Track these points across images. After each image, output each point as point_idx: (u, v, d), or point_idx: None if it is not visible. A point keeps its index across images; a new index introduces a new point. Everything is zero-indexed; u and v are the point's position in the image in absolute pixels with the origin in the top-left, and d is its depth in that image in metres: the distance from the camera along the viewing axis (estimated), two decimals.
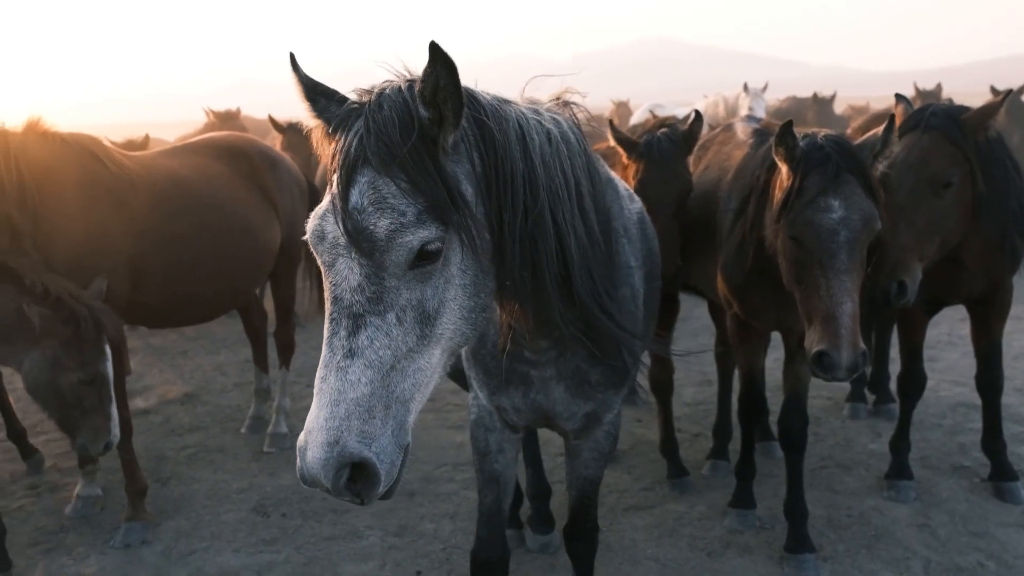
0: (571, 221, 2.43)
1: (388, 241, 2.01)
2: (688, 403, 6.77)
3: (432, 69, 2.04)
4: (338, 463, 1.93)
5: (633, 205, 3.43)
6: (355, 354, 1.99)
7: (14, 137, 4.55)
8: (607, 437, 3.21)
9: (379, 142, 2.05)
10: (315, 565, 4.51)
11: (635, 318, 2.97)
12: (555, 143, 2.43)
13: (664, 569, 4.38)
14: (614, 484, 5.37)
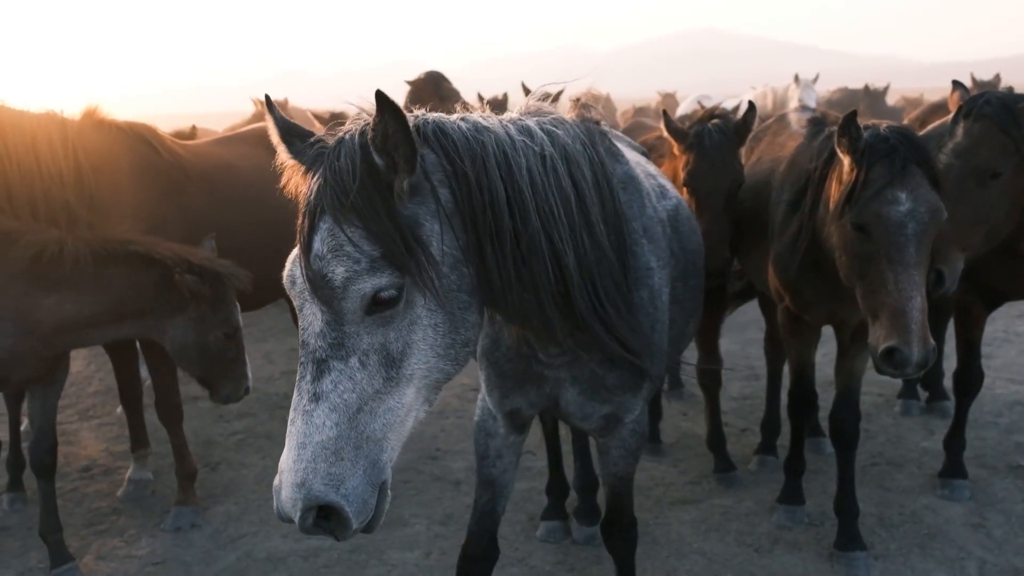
0: (569, 238, 2.41)
1: (344, 288, 2.05)
2: (735, 397, 6.69)
3: (380, 118, 2.07)
4: (304, 505, 1.99)
5: (664, 202, 3.36)
6: (319, 398, 2.04)
7: (72, 125, 4.63)
8: (633, 435, 3.17)
9: (334, 190, 2.09)
10: (361, 552, 4.53)
11: (652, 320, 2.91)
12: (549, 161, 2.40)
13: (711, 563, 4.33)
14: (660, 477, 5.34)
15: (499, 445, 3.25)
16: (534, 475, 5.40)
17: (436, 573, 4.31)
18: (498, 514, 3.32)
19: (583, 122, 2.73)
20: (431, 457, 5.75)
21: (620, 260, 2.64)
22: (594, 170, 2.56)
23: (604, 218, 2.56)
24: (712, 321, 5.35)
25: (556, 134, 2.49)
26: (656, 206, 3.15)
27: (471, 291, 2.25)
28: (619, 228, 2.64)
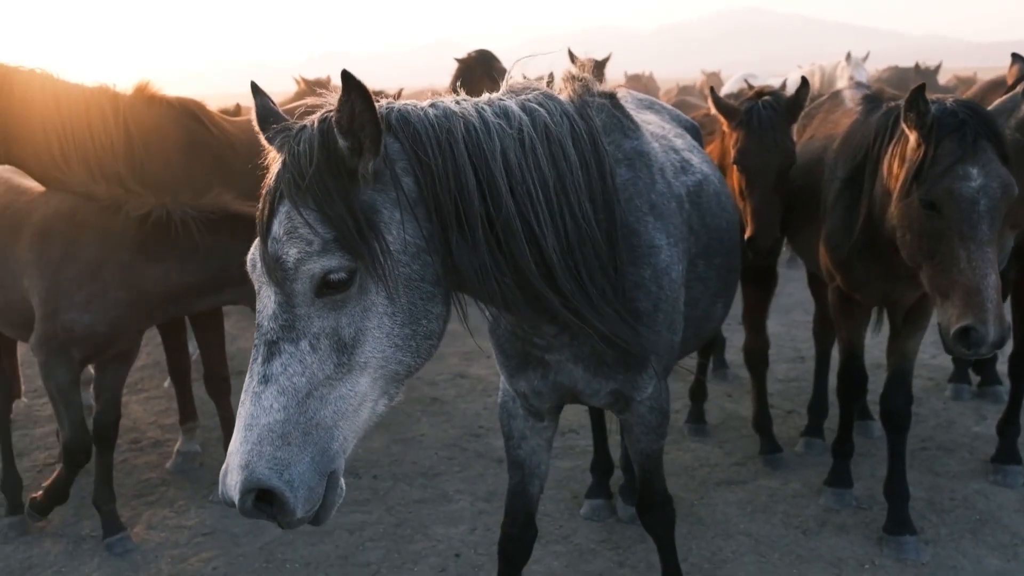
0: (548, 221, 2.35)
1: (295, 270, 2.04)
2: (780, 379, 6.62)
3: (347, 98, 2.04)
4: (244, 487, 1.96)
5: (684, 178, 3.29)
6: (269, 380, 2.02)
7: (124, 99, 4.69)
8: (652, 412, 3.12)
9: (292, 174, 2.08)
10: (406, 527, 4.56)
11: (656, 299, 2.85)
12: (528, 143, 2.35)
13: (758, 545, 4.30)
14: (705, 458, 5.30)
15: (522, 427, 3.24)
16: (578, 454, 5.39)
17: (480, 549, 4.32)
18: (531, 494, 3.32)
19: (579, 97, 2.67)
20: (474, 435, 5.76)
21: (609, 239, 2.57)
22: (581, 147, 2.49)
23: (591, 197, 2.50)
24: (760, 301, 5.29)
25: (538, 113, 2.43)
26: (671, 181, 3.09)
27: (435, 281, 2.20)
28: (610, 207, 2.57)
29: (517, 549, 3.37)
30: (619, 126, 2.95)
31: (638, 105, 3.98)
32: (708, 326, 3.59)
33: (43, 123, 4.48)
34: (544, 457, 3.32)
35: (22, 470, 5.14)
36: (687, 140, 3.77)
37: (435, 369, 7.07)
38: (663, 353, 2.97)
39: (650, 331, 2.85)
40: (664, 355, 3.00)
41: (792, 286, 8.62)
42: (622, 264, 2.64)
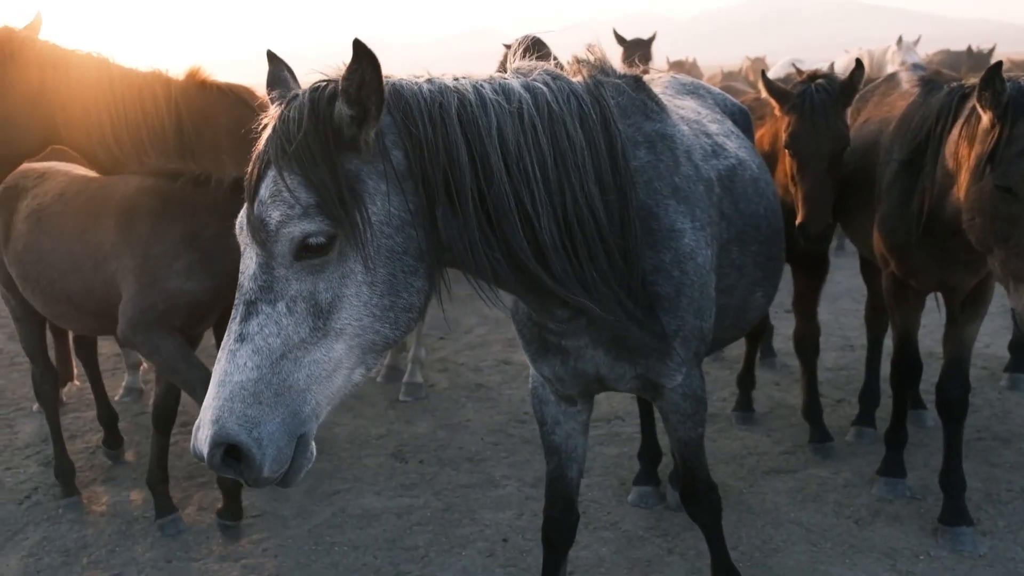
0: (545, 200, 2.33)
1: (276, 232, 2.07)
2: (829, 368, 6.52)
3: (357, 66, 2.06)
4: (213, 441, 1.99)
5: (715, 161, 3.21)
6: (244, 339, 2.05)
7: (176, 84, 4.73)
8: (686, 399, 3.06)
9: (280, 139, 2.11)
10: (454, 511, 4.57)
11: (678, 284, 2.79)
12: (528, 120, 2.32)
13: (808, 534, 4.24)
14: (753, 446, 5.24)
15: (554, 412, 3.22)
16: (624, 440, 5.36)
17: (528, 534, 4.31)
18: (569, 478, 3.30)
19: (592, 78, 2.63)
20: (520, 420, 5.75)
21: (621, 222, 2.54)
22: (588, 128, 2.46)
23: (598, 178, 2.46)
24: (811, 288, 5.20)
25: (541, 91, 2.40)
26: (700, 165, 3.02)
27: (418, 255, 2.20)
28: (622, 188, 2.54)
29: (559, 534, 3.36)
30: (641, 108, 2.90)
31: (680, 90, 3.93)
32: (747, 315, 3.52)
33: (97, 106, 4.56)
34: (580, 441, 3.30)
35: (74, 452, 5.25)
36: (725, 125, 3.68)
37: (479, 355, 7.08)
38: (691, 339, 2.91)
39: (672, 316, 2.80)
40: (693, 342, 2.93)
41: (840, 274, 8.50)
42: (635, 247, 2.60)
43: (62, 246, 4.27)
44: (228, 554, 4.26)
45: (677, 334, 2.84)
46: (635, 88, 2.93)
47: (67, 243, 4.26)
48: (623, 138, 2.57)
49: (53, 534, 4.52)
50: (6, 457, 5.51)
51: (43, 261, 4.30)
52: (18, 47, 4.47)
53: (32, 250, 4.35)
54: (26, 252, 4.37)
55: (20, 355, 7.55)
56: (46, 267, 4.30)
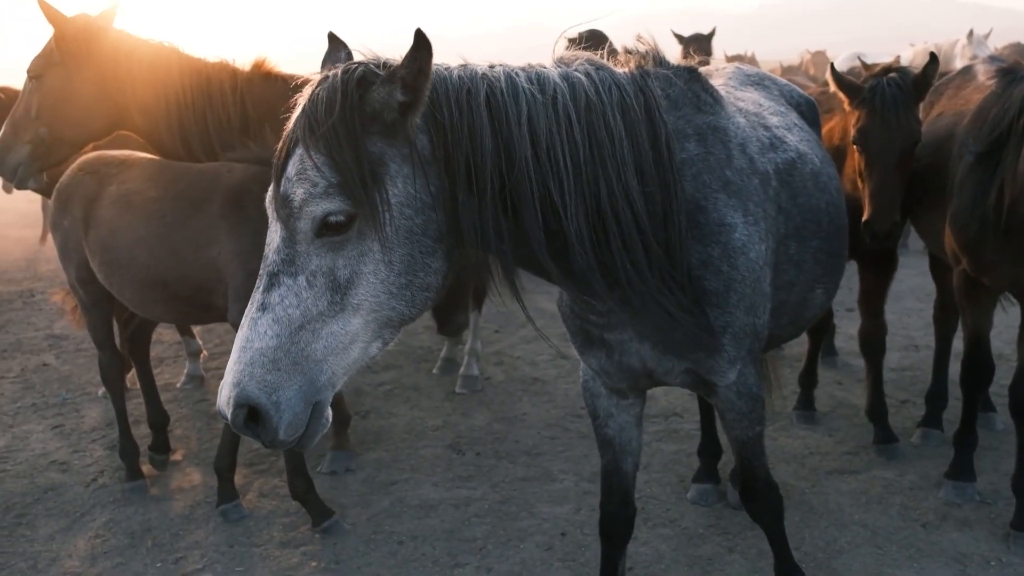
0: (574, 190, 2.33)
1: (300, 209, 2.14)
2: (893, 368, 6.37)
3: (416, 55, 2.11)
4: (235, 402, 2.11)
5: (772, 155, 3.13)
6: (266, 308, 2.14)
7: (242, 75, 4.81)
8: (740, 397, 3.00)
9: (309, 119, 2.16)
10: (511, 504, 4.56)
11: (728, 279, 2.73)
12: (562, 111, 2.33)
13: (874, 536, 4.15)
14: (815, 446, 5.15)
15: (606, 405, 3.19)
16: (682, 437, 5.31)
17: (586, 529, 4.28)
18: (625, 471, 3.27)
19: (639, 69, 2.61)
20: (576, 415, 5.72)
21: (663, 214, 2.51)
22: (630, 119, 2.44)
23: (639, 169, 2.44)
24: (878, 285, 5.08)
25: (579, 82, 2.40)
26: (755, 158, 2.95)
27: (437, 237, 2.25)
28: (665, 181, 2.51)
29: (617, 527, 3.34)
30: (693, 100, 2.85)
31: (744, 81, 3.85)
32: (807, 313, 3.45)
33: (166, 94, 4.67)
34: (635, 434, 3.27)
35: (139, 437, 5.33)
36: (787, 118, 3.58)
37: (535, 349, 7.07)
38: (742, 336, 2.85)
39: (721, 312, 2.75)
40: (745, 339, 2.87)
41: (903, 272, 8.22)
42: (678, 240, 2.56)
43: (159, 231, 4.26)
44: (288, 541, 4.31)
45: (726, 330, 2.79)
46: (688, 79, 2.88)
47: (166, 228, 4.26)
48: (668, 130, 2.55)
49: (118, 516, 4.61)
50: (73, 440, 5.63)
51: (137, 246, 4.29)
52: (94, 35, 4.59)
53: (122, 235, 4.34)
54: (114, 237, 4.37)
55: (85, 342, 7.73)
56: (140, 252, 4.29)
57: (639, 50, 2.78)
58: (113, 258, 4.38)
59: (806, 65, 14.74)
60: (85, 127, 4.69)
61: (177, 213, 4.26)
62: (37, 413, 6.13)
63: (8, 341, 7.90)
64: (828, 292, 3.51)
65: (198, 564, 4.14)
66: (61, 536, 4.44)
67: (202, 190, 4.26)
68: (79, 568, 4.15)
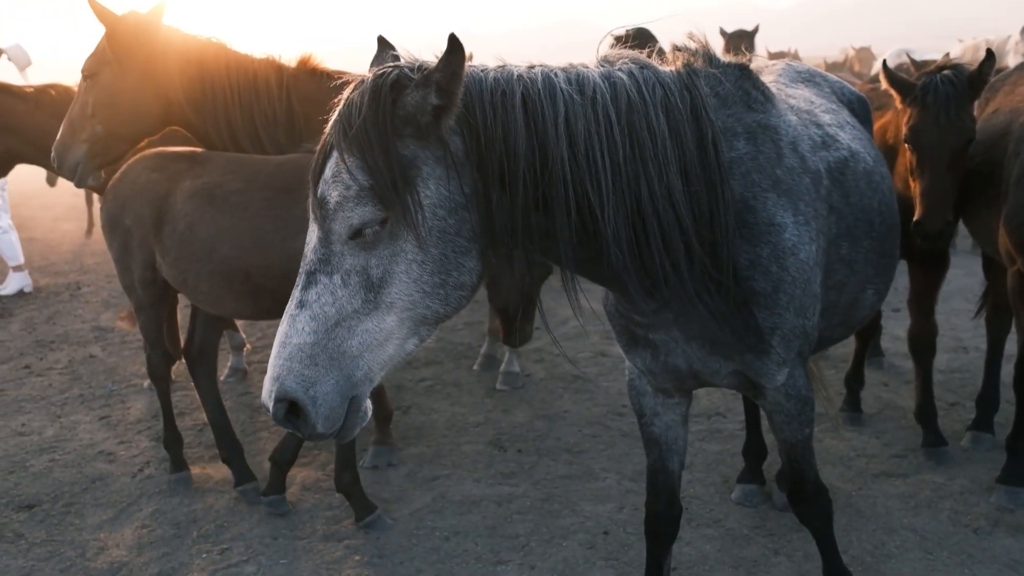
0: (612, 190, 2.32)
1: (334, 211, 2.19)
2: (941, 370, 6.25)
3: (450, 59, 2.13)
4: (275, 396, 2.18)
5: (824, 153, 3.08)
6: (304, 305, 2.20)
7: (288, 71, 4.85)
8: (789, 399, 2.95)
9: (343, 123, 2.20)
10: (554, 501, 4.54)
11: (777, 280, 2.68)
12: (603, 110, 2.31)
13: (923, 541, 4.08)
14: (862, 448, 5.07)
15: (652, 403, 3.17)
16: (725, 437, 5.26)
17: (629, 528, 4.26)
18: (671, 470, 3.25)
19: (685, 67, 2.58)
20: (617, 413, 5.69)
21: (710, 214, 2.48)
22: (674, 118, 2.41)
23: (683, 169, 2.42)
24: (929, 285, 4.99)
25: (620, 81, 2.37)
26: (806, 156, 2.90)
27: (471, 237, 2.26)
28: (712, 180, 2.48)
29: (663, 526, 3.32)
30: (744, 98, 2.81)
31: (795, 77, 3.80)
32: (857, 314, 3.39)
33: (214, 90, 4.72)
34: (681, 432, 3.24)
35: (183, 429, 5.39)
36: (839, 115, 3.52)
37: (576, 346, 7.04)
38: (791, 338, 2.81)
39: (769, 313, 2.71)
40: (794, 340, 2.83)
41: (951, 272, 8.07)
42: (724, 240, 2.53)
43: (245, 222, 4.22)
44: (331, 534, 4.33)
45: (775, 332, 2.75)
46: (739, 77, 2.84)
47: (252, 219, 4.23)
48: (715, 129, 2.52)
49: (164, 507, 4.67)
50: (120, 431, 5.71)
51: (219, 238, 4.25)
52: (144, 32, 4.64)
53: (203, 228, 4.29)
54: (193, 231, 4.30)
55: (131, 334, 7.83)
56: (223, 244, 4.24)
57: (689, 48, 2.75)
58: (191, 252, 4.31)
59: (851, 61, 14.52)
60: (139, 123, 4.76)
61: (262, 204, 4.24)
62: (84, 404, 6.23)
63: (56, 333, 8.04)
64: (879, 293, 3.45)
65: (243, 556, 4.18)
66: (109, 525, 4.51)
67: (286, 180, 4.22)
68: (126, 557, 4.20)
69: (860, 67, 14.00)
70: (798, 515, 3.35)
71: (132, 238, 4.54)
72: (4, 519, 4.60)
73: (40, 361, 7.23)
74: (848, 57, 15.09)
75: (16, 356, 7.37)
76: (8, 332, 8.10)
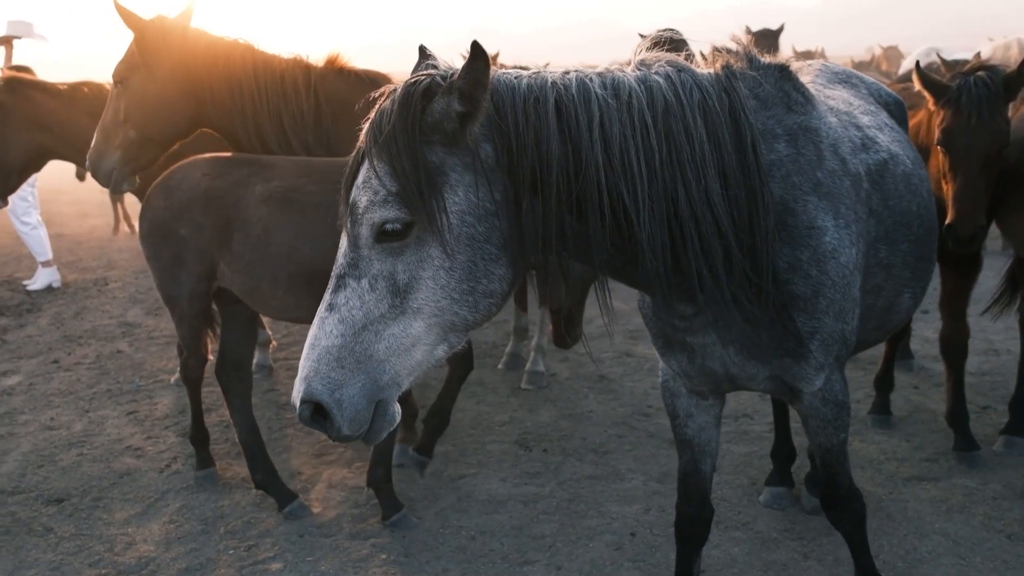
0: (647, 195, 2.29)
1: (362, 215, 2.22)
2: (972, 373, 6.18)
3: (473, 65, 2.13)
4: (302, 397, 2.19)
5: (863, 155, 3.04)
6: (333, 308, 2.22)
7: (315, 71, 4.85)
8: (826, 404, 2.92)
9: (373, 130, 2.23)
10: (580, 502, 4.52)
11: (817, 283, 2.65)
12: (639, 114, 2.29)
13: (956, 546, 4.02)
14: (892, 452, 5.02)
15: (686, 405, 3.15)
16: (753, 439, 5.21)
17: (656, 529, 4.23)
18: (704, 472, 3.23)
19: (724, 69, 2.54)
20: (643, 414, 5.66)
21: (749, 218, 2.44)
22: (712, 121, 2.38)
23: (722, 172, 2.39)
24: (961, 287, 4.92)
25: (657, 85, 2.35)
26: (847, 159, 2.87)
27: (501, 244, 2.25)
28: (751, 183, 2.44)
29: (694, 529, 3.30)
30: (784, 100, 2.78)
31: (832, 78, 3.76)
32: (894, 318, 3.35)
33: (242, 91, 4.73)
34: (714, 434, 3.22)
35: (210, 425, 5.41)
36: (878, 117, 3.48)
37: (600, 346, 7.01)
38: (830, 343, 2.78)
39: (809, 318, 2.68)
40: (833, 345, 2.80)
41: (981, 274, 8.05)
42: (764, 244, 2.49)
43: (324, 224, 4.09)
44: (358, 532, 4.33)
45: (814, 336, 2.72)
46: (779, 78, 2.81)
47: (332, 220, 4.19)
48: (755, 131, 2.48)
49: (192, 503, 4.69)
50: (147, 427, 5.74)
51: (298, 240, 4.18)
52: (172, 36, 4.66)
53: (280, 232, 4.21)
54: (269, 235, 4.22)
55: (157, 329, 7.91)
56: (302, 246, 4.17)
57: (730, 49, 2.72)
58: (268, 255, 4.20)
59: (878, 60, 14.38)
60: (171, 126, 4.78)
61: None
62: (112, 399, 6.27)
63: (83, 328, 8.10)
64: (915, 297, 3.41)
65: (269, 552, 4.18)
66: (136, 520, 4.53)
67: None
68: (154, 552, 4.22)
69: (888, 66, 13.87)
70: (831, 519, 3.31)
71: (187, 249, 4.35)
72: (34, 512, 4.64)
73: (68, 356, 7.29)
74: (875, 56, 14.95)
75: (45, 351, 7.44)
76: (37, 327, 8.18)
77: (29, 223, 9.55)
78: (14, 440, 5.59)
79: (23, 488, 4.92)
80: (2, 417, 5.99)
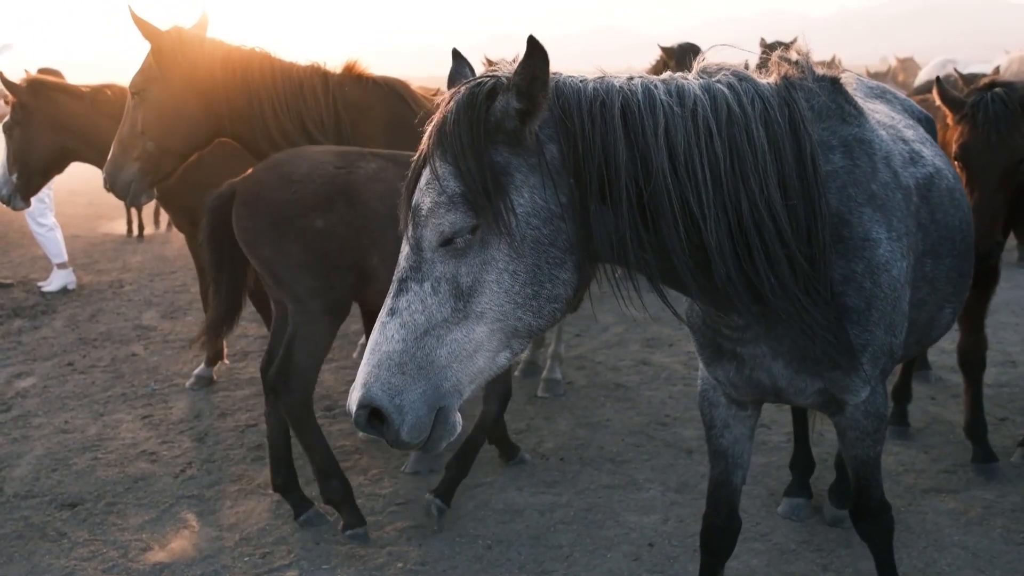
0: (713, 203, 2.28)
1: (426, 218, 2.19)
2: (989, 384, 6.12)
3: (530, 62, 2.11)
4: (359, 403, 2.15)
5: (913, 169, 3.04)
6: (394, 313, 2.19)
7: (334, 78, 4.87)
8: (867, 416, 2.91)
9: (439, 132, 2.20)
10: (597, 512, 4.50)
11: (869, 295, 2.64)
12: (703, 123, 2.28)
13: (975, 559, 3.99)
14: (910, 463, 4.98)
15: (724, 415, 3.13)
16: (770, 449, 5.19)
17: (674, 540, 4.21)
18: (735, 485, 3.21)
19: (784, 80, 2.54)
20: (661, 423, 5.64)
21: (807, 228, 2.44)
22: (774, 131, 2.38)
23: (782, 182, 2.38)
24: (979, 299, 4.87)
25: (721, 94, 2.35)
26: (899, 172, 2.87)
27: (566, 248, 2.23)
28: (809, 194, 2.43)
29: (721, 541, 3.27)
30: (838, 112, 2.78)
31: (868, 93, 3.74)
32: (933, 332, 3.36)
33: (260, 100, 4.74)
34: (747, 447, 3.21)
35: (224, 430, 5.43)
36: (918, 132, 3.48)
37: (617, 355, 6.99)
38: (879, 356, 2.77)
39: (861, 330, 2.68)
40: (881, 358, 2.79)
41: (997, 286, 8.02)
42: (821, 255, 2.48)
43: None
44: (374, 540, 4.32)
45: (865, 349, 2.71)
46: (832, 90, 2.82)
47: None
48: (813, 142, 2.48)
49: (206, 509, 4.68)
50: (162, 431, 5.75)
51: None
52: (189, 46, 4.67)
53: None
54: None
55: (173, 333, 7.93)
56: None
57: (789, 59, 2.71)
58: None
59: (894, 71, 14.33)
60: (189, 137, 4.78)
61: None
62: (127, 403, 6.28)
63: (99, 330, 8.13)
64: (954, 312, 3.41)
65: (285, 560, 4.18)
66: (151, 526, 4.52)
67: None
68: (168, 559, 4.21)
69: (904, 77, 13.82)
70: (860, 531, 3.29)
71: (328, 242, 4.10)
72: (47, 517, 4.64)
73: (83, 359, 7.31)
74: (891, 67, 14.90)
75: (59, 353, 7.46)
76: (52, 329, 8.20)
77: (45, 225, 9.60)
78: (28, 443, 5.60)
79: (36, 492, 4.93)
80: (16, 420, 6.00)
